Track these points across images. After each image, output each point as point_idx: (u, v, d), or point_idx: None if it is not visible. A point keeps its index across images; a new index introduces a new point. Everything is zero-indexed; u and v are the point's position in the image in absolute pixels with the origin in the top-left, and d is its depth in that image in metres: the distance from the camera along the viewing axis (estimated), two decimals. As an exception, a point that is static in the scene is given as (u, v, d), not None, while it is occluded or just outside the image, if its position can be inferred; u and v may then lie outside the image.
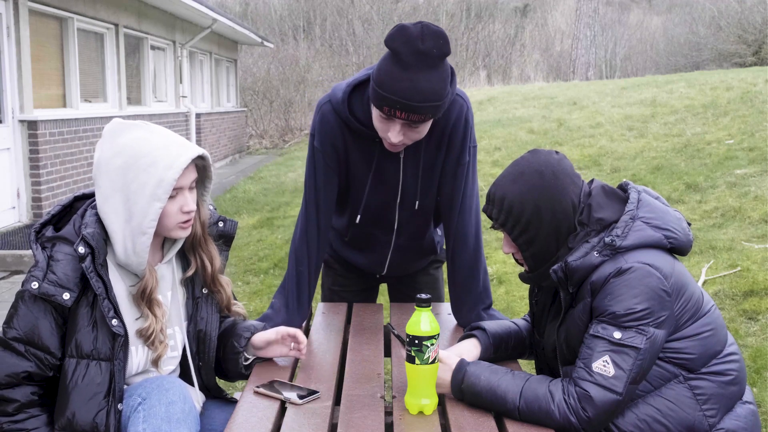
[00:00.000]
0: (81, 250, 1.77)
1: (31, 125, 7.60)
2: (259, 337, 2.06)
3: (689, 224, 1.93)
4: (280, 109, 20.69)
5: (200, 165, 1.95)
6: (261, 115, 20.88)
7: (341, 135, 2.26)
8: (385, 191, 2.34)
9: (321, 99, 2.31)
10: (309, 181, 2.33)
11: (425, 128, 2.12)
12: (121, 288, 1.88)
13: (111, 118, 9.17)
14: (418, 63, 1.96)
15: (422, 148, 2.26)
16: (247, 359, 2.07)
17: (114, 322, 1.80)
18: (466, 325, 2.32)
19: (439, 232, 2.64)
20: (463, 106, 2.26)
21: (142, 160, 1.80)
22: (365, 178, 2.31)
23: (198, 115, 13.78)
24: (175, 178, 1.80)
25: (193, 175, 1.89)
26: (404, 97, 1.97)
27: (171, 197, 1.84)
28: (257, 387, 1.89)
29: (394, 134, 2.07)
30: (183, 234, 1.92)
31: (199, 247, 2.01)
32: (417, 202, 2.35)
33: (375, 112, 2.10)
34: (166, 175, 1.79)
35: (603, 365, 1.73)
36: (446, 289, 5.30)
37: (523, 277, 2.02)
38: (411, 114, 2.01)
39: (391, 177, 2.31)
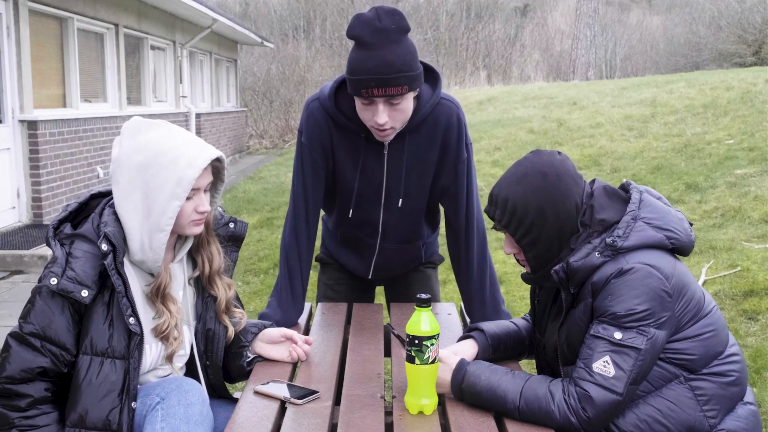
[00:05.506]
0: (104, 247, 1.78)
1: (31, 125, 7.60)
2: (266, 334, 2.11)
3: (691, 224, 1.93)
4: (280, 109, 20.68)
5: (215, 167, 1.97)
6: (261, 115, 20.88)
7: (328, 132, 2.30)
8: (370, 189, 2.36)
9: (309, 97, 2.36)
10: (297, 176, 2.37)
11: (407, 105, 2.14)
12: (136, 287, 1.89)
13: (111, 118, 9.09)
14: (380, 41, 2.03)
15: (406, 144, 2.29)
16: (248, 357, 2.10)
17: (131, 320, 1.81)
18: (483, 321, 2.36)
19: (428, 240, 2.65)
20: (452, 108, 2.31)
21: (163, 158, 1.81)
22: (351, 175, 2.34)
23: (198, 115, 13.77)
24: (195, 177, 1.82)
25: (209, 177, 1.92)
26: (375, 72, 2.02)
27: (188, 198, 1.85)
28: (257, 387, 1.89)
29: (378, 115, 2.10)
30: (196, 230, 1.94)
31: (201, 248, 2.03)
32: (400, 200, 2.37)
33: (357, 104, 2.15)
34: (186, 173, 1.81)
35: (603, 365, 1.73)
36: (443, 288, 5.25)
37: (525, 278, 2.02)
38: (387, 88, 2.04)
39: (375, 174, 2.33)
